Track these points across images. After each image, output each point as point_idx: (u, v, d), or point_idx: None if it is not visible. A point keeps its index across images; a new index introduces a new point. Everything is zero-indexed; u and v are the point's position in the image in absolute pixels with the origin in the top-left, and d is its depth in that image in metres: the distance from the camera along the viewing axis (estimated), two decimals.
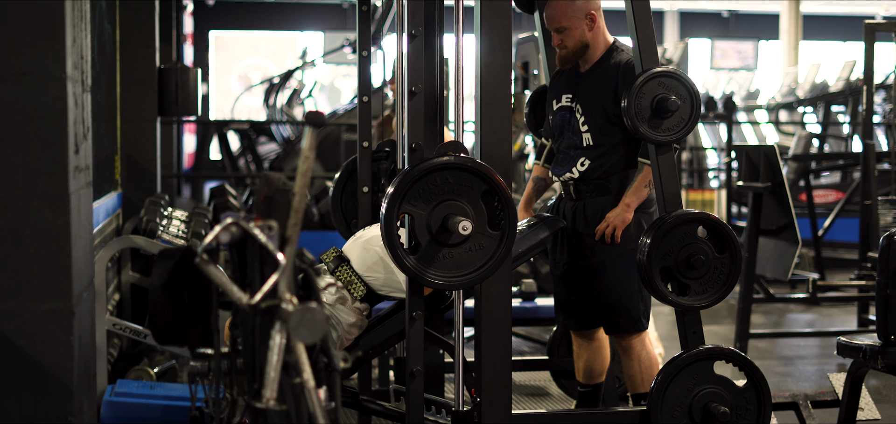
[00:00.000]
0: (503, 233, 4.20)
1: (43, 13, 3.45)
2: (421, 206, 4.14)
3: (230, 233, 2.80)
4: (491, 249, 4.20)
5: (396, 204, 4.12)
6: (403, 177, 4.14)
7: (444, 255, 4.17)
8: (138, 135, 8.31)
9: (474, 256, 4.19)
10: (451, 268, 4.18)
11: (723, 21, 29.47)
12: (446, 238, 4.15)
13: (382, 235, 4.15)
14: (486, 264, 4.21)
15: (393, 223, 4.11)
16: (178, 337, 3.17)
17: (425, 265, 4.17)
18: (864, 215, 8.28)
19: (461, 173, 4.15)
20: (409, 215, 4.15)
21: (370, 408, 4.96)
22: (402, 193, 4.12)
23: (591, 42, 5.07)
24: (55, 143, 3.48)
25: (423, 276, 4.18)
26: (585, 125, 5.05)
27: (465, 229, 4.06)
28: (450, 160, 4.14)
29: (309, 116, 2.79)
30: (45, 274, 3.48)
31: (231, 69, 27.90)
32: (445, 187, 4.14)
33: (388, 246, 4.14)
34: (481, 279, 4.23)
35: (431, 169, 4.13)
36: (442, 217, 4.13)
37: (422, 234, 4.16)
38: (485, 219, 4.19)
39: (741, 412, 4.68)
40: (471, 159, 4.18)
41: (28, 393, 3.49)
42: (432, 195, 4.14)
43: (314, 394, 2.65)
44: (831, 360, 8.05)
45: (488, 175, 4.16)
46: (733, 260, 4.71)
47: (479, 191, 4.17)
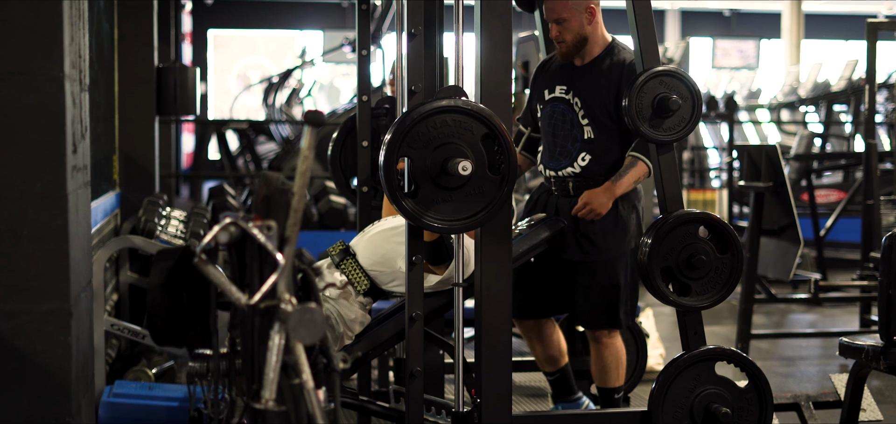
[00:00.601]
0: (503, 176, 4.16)
1: (41, 12, 3.46)
2: (420, 149, 4.09)
3: (229, 233, 2.79)
4: (491, 192, 4.16)
5: (396, 146, 4.08)
6: (403, 120, 4.11)
7: (444, 199, 4.13)
8: (136, 134, 8.30)
9: (474, 200, 4.15)
10: (451, 212, 4.15)
11: (724, 20, 29.47)
12: (446, 182, 4.10)
13: (381, 178, 4.11)
14: (487, 207, 4.17)
15: (392, 166, 4.07)
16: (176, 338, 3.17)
17: (425, 208, 4.13)
18: (866, 215, 8.24)
19: (461, 117, 4.12)
20: (408, 158, 4.10)
21: (370, 409, 4.93)
22: (402, 135, 4.08)
23: (590, 36, 5.08)
24: (53, 142, 3.48)
25: (423, 219, 4.14)
26: (585, 118, 5.07)
27: (464, 169, 4.02)
28: (449, 103, 4.11)
29: (308, 115, 2.78)
30: (42, 274, 3.48)
31: (230, 68, 27.90)
32: (445, 130, 4.10)
33: (387, 189, 4.10)
34: (482, 223, 4.19)
35: (431, 112, 4.10)
36: (441, 160, 4.09)
37: (421, 177, 4.11)
38: (485, 163, 4.14)
39: (743, 413, 4.68)
40: (470, 102, 4.16)
41: (26, 394, 3.50)
42: (432, 139, 4.10)
43: (313, 395, 2.64)
44: (833, 361, 8.01)
45: (488, 119, 4.13)
46: (735, 260, 4.71)
47: (479, 135, 4.13)
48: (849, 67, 15.87)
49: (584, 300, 5.19)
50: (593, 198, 4.96)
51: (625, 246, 5.11)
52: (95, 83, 6.52)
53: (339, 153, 5.54)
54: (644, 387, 5.88)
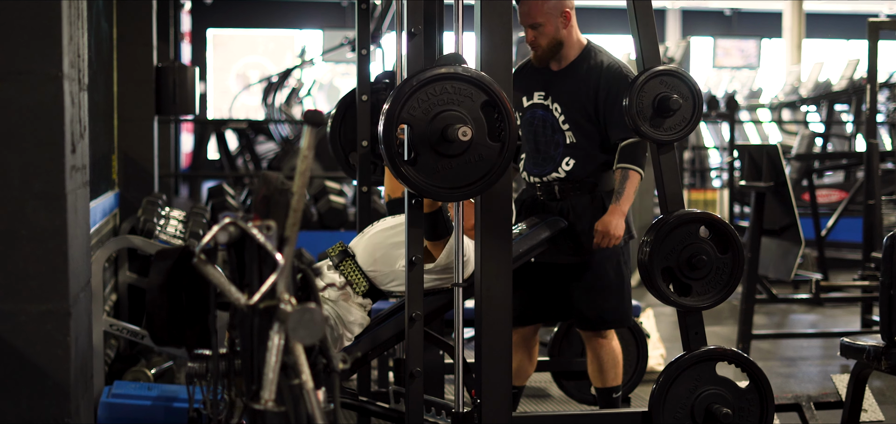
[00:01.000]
0: (503, 143, 4.13)
1: (39, 11, 3.44)
2: (420, 115, 4.07)
3: (228, 233, 2.78)
4: (491, 160, 4.13)
5: (396, 113, 4.06)
6: (402, 86, 4.08)
7: (444, 166, 4.10)
8: (135, 134, 8.31)
9: (474, 167, 4.12)
10: (451, 179, 4.12)
11: (725, 19, 29.46)
12: (446, 149, 4.07)
13: (381, 144, 4.09)
14: (487, 175, 4.14)
15: (392, 133, 4.05)
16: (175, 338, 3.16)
17: (425, 175, 4.11)
18: (867, 215, 8.23)
19: (460, 84, 4.09)
20: (408, 125, 4.09)
21: (369, 410, 4.94)
22: (402, 101, 4.06)
23: (566, 40, 5.09)
24: (52, 142, 3.46)
25: (423, 186, 4.12)
26: (566, 124, 5.08)
27: (465, 135, 4.00)
28: (449, 70, 4.09)
29: (308, 115, 2.77)
30: (41, 274, 3.47)
31: (229, 68, 27.89)
32: (445, 97, 4.08)
33: (387, 157, 4.08)
34: (482, 190, 4.17)
35: (431, 79, 4.07)
36: (441, 127, 4.06)
37: (421, 144, 4.09)
38: (485, 130, 4.12)
39: (744, 413, 4.67)
40: (471, 69, 4.14)
41: (24, 395, 3.48)
42: (431, 105, 4.07)
43: (313, 396, 2.63)
44: (834, 361, 8.01)
45: (488, 86, 4.11)
46: (736, 260, 4.70)
47: (479, 102, 4.11)
48: (850, 67, 15.86)
49: (578, 302, 5.19)
50: (606, 226, 4.96)
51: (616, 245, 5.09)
52: (94, 83, 6.52)
53: (339, 129, 5.51)
54: (644, 388, 5.89)
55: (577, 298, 5.19)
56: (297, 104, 16.94)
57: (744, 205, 12.72)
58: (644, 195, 10.89)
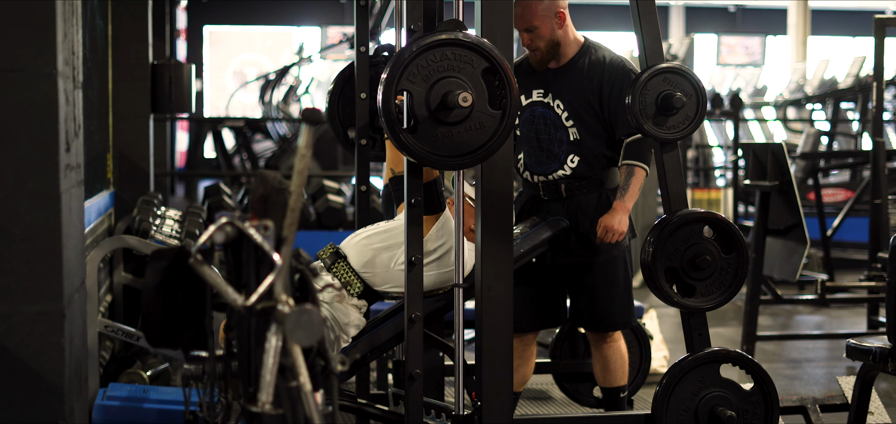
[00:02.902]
0: (504, 111, 4.10)
1: (33, 8, 3.42)
2: (419, 82, 4.03)
3: (225, 233, 2.75)
4: (492, 127, 4.09)
5: (395, 79, 4.02)
6: (402, 53, 4.06)
7: (444, 134, 4.07)
8: (131, 132, 8.30)
9: (475, 134, 4.08)
10: (452, 147, 4.08)
11: (729, 16, 29.47)
12: (446, 116, 4.04)
13: (380, 112, 4.06)
14: (488, 142, 4.10)
15: (391, 100, 4.02)
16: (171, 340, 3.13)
17: (424, 143, 4.07)
18: (874, 215, 8.22)
19: (461, 50, 4.06)
20: (407, 92, 4.04)
21: (368, 412, 4.93)
22: (401, 68, 4.02)
23: (562, 40, 5.08)
24: (45, 140, 3.44)
25: (422, 154, 4.08)
26: (570, 120, 5.07)
27: (465, 100, 3.96)
28: (449, 37, 4.05)
29: (306, 113, 2.74)
30: (35, 275, 3.44)
31: (226, 65, 27.89)
32: (445, 63, 4.04)
33: (386, 123, 4.05)
34: (482, 159, 4.14)
35: (430, 45, 4.04)
36: (442, 94, 4.02)
37: (421, 112, 4.05)
38: (485, 97, 4.09)
39: (748, 416, 4.67)
40: (471, 35, 4.11)
41: (18, 397, 3.45)
42: (431, 72, 4.04)
43: (311, 398, 2.60)
44: (840, 363, 8.01)
45: (489, 52, 4.07)
46: (740, 261, 4.69)
47: (480, 69, 4.08)
48: (856, 64, 15.86)
49: (584, 303, 5.19)
50: (610, 222, 4.94)
51: (621, 244, 5.12)
52: (89, 80, 6.51)
53: (337, 103, 5.49)
54: (648, 390, 5.86)
55: (585, 299, 5.18)
56: (294, 102, 16.94)
57: (748, 204, 12.73)
58: (647, 195, 10.88)
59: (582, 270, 5.13)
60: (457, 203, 4.34)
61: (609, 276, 5.11)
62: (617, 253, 5.10)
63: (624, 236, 5.03)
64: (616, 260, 5.11)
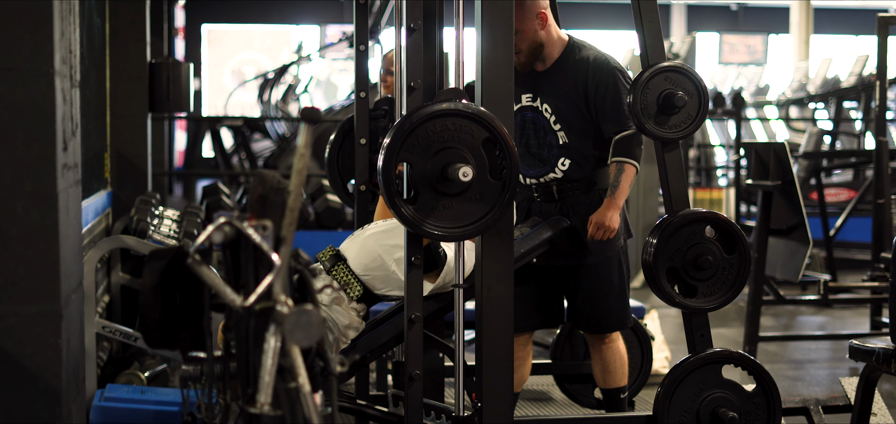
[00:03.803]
0: (505, 182, 4.09)
1: (30, 7, 3.42)
2: (419, 153, 4.02)
3: (223, 233, 2.74)
4: (492, 199, 4.09)
5: (395, 151, 4.01)
6: (402, 123, 4.04)
7: (444, 205, 4.06)
8: (128, 132, 8.31)
9: (475, 206, 4.07)
10: (451, 218, 4.07)
11: (731, 14, 29.49)
12: (446, 187, 4.03)
13: (380, 183, 4.05)
14: (488, 214, 4.09)
15: (391, 171, 4.01)
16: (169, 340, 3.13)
17: (424, 214, 4.06)
18: (877, 215, 8.20)
19: (461, 121, 4.04)
20: (407, 163, 4.04)
21: (368, 413, 4.91)
22: (401, 140, 4.01)
23: (545, 41, 5.05)
24: (42, 140, 3.44)
25: (422, 226, 4.07)
26: (558, 124, 5.05)
27: (465, 175, 3.95)
28: (450, 107, 4.04)
29: (305, 112, 2.74)
30: (32, 275, 3.44)
31: (224, 64, 27.91)
32: (445, 134, 4.03)
33: (387, 196, 4.04)
34: (482, 231, 4.12)
35: (430, 116, 4.02)
36: (441, 165, 4.01)
37: (421, 183, 4.04)
38: (486, 168, 4.08)
39: (750, 417, 4.66)
40: (471, 105, 4.10)
41: (15, 398, 3.45)
42: (431, 143, 4.02)
43: (310, 399, 2.60)
44: (843, 364, 8.01)
45: (489, 122, 4.05)
46: (742, 261, 4.69)
47: (480, 139, 4.06)
48: (859, 63, 15.87)
49: (579, 305, 5.18)
50: (602, 219, 4.92)
51: (615, 244, 5.10)
52: (86, 79, 6.50)
53: (337, 155, 5.55)
54: (649, 391, 5.83)
55: (580, 301, 5.17)
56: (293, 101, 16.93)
57: (750, 204, 12.73)
58: (648, 194, 10.87)
59: (576, 272, 5.12)
60: None
61: (603, 277, 5.10)
62: (611, 254, 5.08)
63: (615, 234, 5.01)
64: (610, 261, 5.09)
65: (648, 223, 10.68)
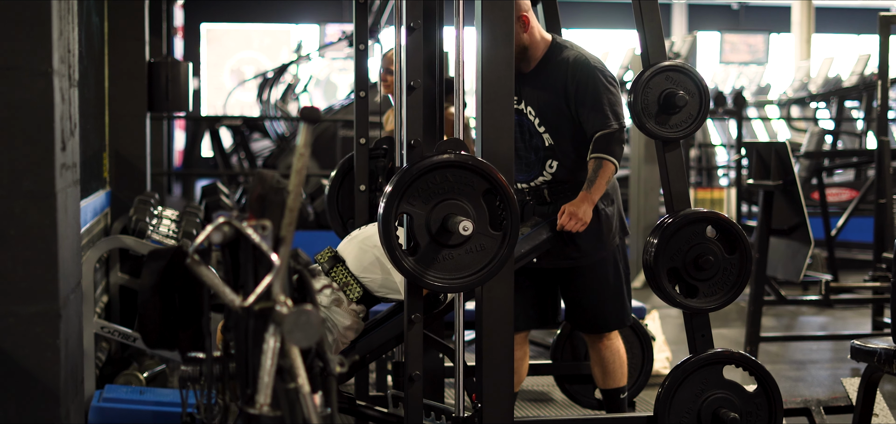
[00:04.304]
0: (505, 233, 4.10)
1: (29, 6, 3.42)
2: (420, 205, 4.03)
3: (222, 233, 2.74)
4: (492, 250, 4.10)
5: (394, 203, 4.02)
6: (402, 175, 4.05)
7: (445, 256, 4.07)
8: (127, 131, 8.30)
9: (475, 257, 4.08)
10: (452, 269, 4.08)
11: (732, 13, 29.46)
12: (446, 239, 4.05)
13: (380, 235, 4.06)
14: (488, 265, 4.10)
15: (391, 224, 4.02)
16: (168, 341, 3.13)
17: (424, 266, 4.07)
18: (878, 215, 8.18)
19: (462, 172, 4.05)
20: (407, 214, 4.05)
21: (367, 414, 4.91)
22: (401, 192, 4.02)
23: (529, 43, 5.03)
24: (41, 139, 3.44)
25: (423, 278, 4.07)
26: (542, 126, 5.03)
27: (465, 229, 3.97)
28: (450, 159, 4.04)
29: (304, 111, 2.74)
30: (30, 275, 3.44)
31: (223, 63, 27.89)
32: (445, 185, 4.04)
33: (387, 248, 4.05)
34: (482, 282, 4.14)
35: (431, 167, 4.03)
36: (442, 217, 4.02)
37: (421, 234, 4.06)
38: (486, 219, 4.09)
39: (751, 418, 4.66)
40: (471, 157, 4.09)
41: (13, 399, 3.45)
42: (432, 194, 4.04)
43: (309, 400, 2.60)
44: (845, 364, 8.00)
45: (490, 174, 4.06)
46: (743, 261, 4.68)
47: (481, 190, 4.07)
48: (861, 62, 15.86)
49: (579, 306, 5.17)
50: (575, 209, 4.89)
51: (610, 244, 5.08)
52: (85, 79, 6.50)
53: (336, 195, 5.53)
54: (650, 391, 5.83)
55: (577, 302, 5.16)
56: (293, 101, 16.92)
57: (752, 204, 12.70)
58: (649, 194, 10.86)
59: (572, 273, 5.11)
60: None
61: (599, 278, 5.09)
62: (606, 255, 5.07)
63: (611, 233, 5.01)
64: (605, 261, 5.08)
65: (649, 223, 10.67)
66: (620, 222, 5.10)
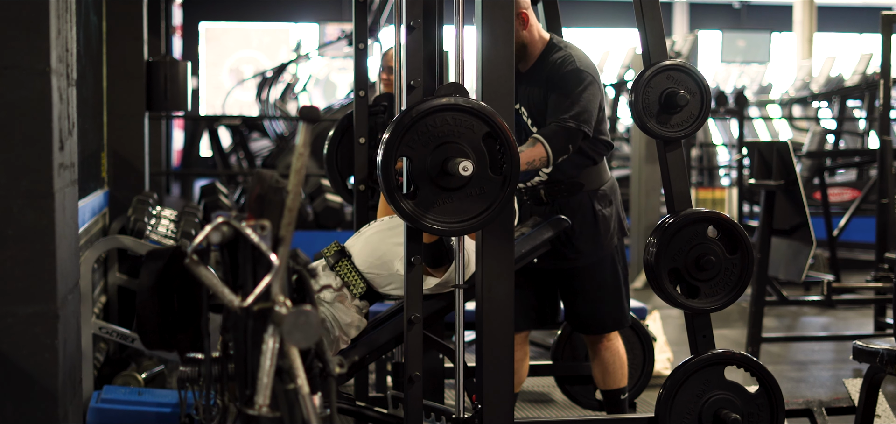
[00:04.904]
0: (506, 177, 4.07)
1: (26, 5, 3.40)
2: (419, 148, 4.00)
3: (221, 233, 2.74)
4: (493, 193, 4.07)
5: (394, 146, 3.99)
6: (401, 118, 4.03)
7: (444, 199, 4.04)
8: (126, 131, 8.30)
9: (475, 201, 4.05)
10: (452, 213, 4.05)
11: (734, 12, 29.45)
12: (446, 182, 4.01)
13: (379, 177, 4.03)
14: (488, 209, 4.07)
15: (391, 165, 3.99)
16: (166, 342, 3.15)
17: (424, 209, 4.04)
18: (880, 215, 8.19)
19: (461, 115, 4.02)
20: (407, 157, 4.02)
21: (367, 415, 4.89)
22: (401, 134, 3.99)
23: (527, 40, 5.03)
24: (39, 139, 3.42)
25: (422, 221, 4.04)
26: (534, 126, 5.03)
27: (465, 169, 3.93)
28: (450, 102, 4.02)
29: (303, 111, 2.73)
30: (28, 276, 3.43)
31: (222, 62, 27.90)
32: (445, 128, 4.01)
33: (386, 190, 4.02)
34: (483, 225, 4.10)
35: (430, 110, 4.00)
36: (441, 160, 3.99)
37: (420, 178, 4.02)
38: (486, 163, 4.06)
39: (753, 419, 4.64)
40: (472, 100, 4.08)
41: (11, 400, 3.44)
42: (431, 138, 4.01)
43: (309, 401, 2.60)
44: (847, 365, 8.00)
45: (490, 117, 4.03)
46: (745, 261, 4.66)
47: (481, 134, 4.04)
48: (863, 61, 15.85)
49: (577, 307, 5.17)
50: None
51: (609, 245, 5.08)
52: (83, 78, 6.49)
53: (336, 152, 5.53)
54: (651, 392, 5.82)
55: (575, 303, 5.16)
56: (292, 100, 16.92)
57: (753, 204, 12.71)
58: (650, 194, 10.85)
59: (569, 274, 5.11)
60: None
61: (595, 278, 5.09)
62: (603, 255, 5.06)
63: (609, 234, 5.00)
64: (602, 262, 5.08)
65: (650, 223, 10.68)
66: (618, 224, 5.09)
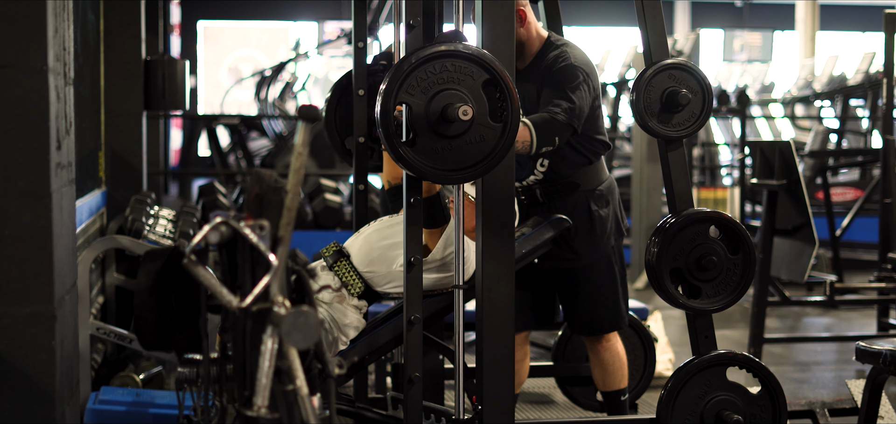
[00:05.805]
0: (505, 124, 4.05)
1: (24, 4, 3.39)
2: (419, 95, 3.98)
3: (219, 233, 2.74)
4: (493, 141, 4.04)
5: (393, 92, 3.97)
6: (400, 64, 4.00)
7: (444, 147, 4.01)
8: (123, 130, 8.30)
9: (475, 148, 4.03)
10: (451, 161, 4.03)
11: (736, 11, 29.47)
12: (446, 129, 3.98)
13: (378, 125, 4.01)
14: (488, 157, 4.05)
15: (390, 112, 3.97)
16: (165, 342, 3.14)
17: (424, 157, 4.02)
18: (883, 214, 8.19)
19: (461, 62, 4.00)
20: (406, 104, 3.99)
21: (366, 416, 4.88)
22: (400, 81, 3.97)
23: (525, 38, 5.02)
24: (36, 138, 3.42)
25: (421, 169, 4.02)
26: None
27: (465, 114, 3.91)
28: (449, 48, 4.00)
29: (302, 110, 2.72)
30: (25, 276, 3.42)
31: (220, 61, 27.92)
32: (445, 75, 3.99)
33: (385, 137, 4.00)
34: (483, 173, 4.09)
35: (430, 57, 3.98)
36: (441, 107, 3.97)
37: (420, 125, 4.00)
38: (486, 110, 4.04)
39: (755, 420, 4.65)
40: (471, 46, 4.06)
41: (7, 401, 3.44)
42: (431, 84, 3.98)
43: (308, 402, 2.60)
44: (850, 366, 7.99)
45: (490, 64, 4.02)
46: (747, 261, 4.65)
47: (480, 81, 4.02)
48: (866, 60, 15.85)
49: (575, 308, 5.16)
50: None
51: (605, 246, 5.07)
52: (80, 77, 6.49)
53: (334, 112, 5.47)
54: (652, 394, 5.81)
55: (573, 305, 5.15)
56: (291, 99, 16.92)
57: (755, 204, 12.69)
58: (652, 194, 10.84)
59: (567, 275, 5.10)
60: (457, 203, 4.28)
61: (593, 279, 5.07)
62: (599, 256, 5.05)
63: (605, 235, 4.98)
64: (600, 262, 5.06)
65: (651, 223, 10.66)
66: (616, 224, 5.07)
